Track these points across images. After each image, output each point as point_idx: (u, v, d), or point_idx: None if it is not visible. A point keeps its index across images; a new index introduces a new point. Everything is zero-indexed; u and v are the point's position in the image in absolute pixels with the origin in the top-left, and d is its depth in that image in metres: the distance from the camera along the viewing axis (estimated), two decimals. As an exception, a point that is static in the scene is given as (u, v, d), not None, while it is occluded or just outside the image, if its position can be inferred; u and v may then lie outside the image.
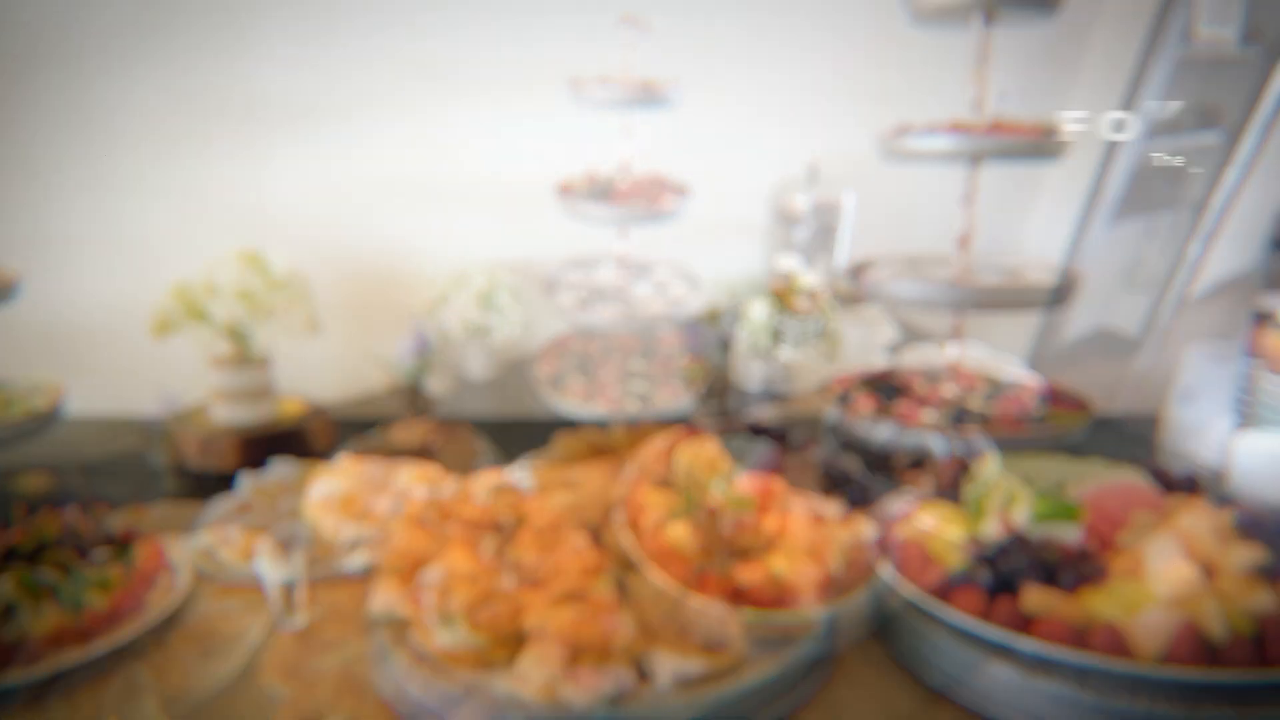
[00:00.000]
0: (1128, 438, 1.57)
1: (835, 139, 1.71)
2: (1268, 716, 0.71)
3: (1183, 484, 1.00)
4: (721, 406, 1.70)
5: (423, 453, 1.58)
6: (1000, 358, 1.52)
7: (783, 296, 1.63)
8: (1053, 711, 0.76)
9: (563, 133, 1.75)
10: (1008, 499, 0.94)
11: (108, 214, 1.79)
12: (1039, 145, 1.19)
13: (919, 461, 1.42)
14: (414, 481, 1.29)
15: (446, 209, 1.81)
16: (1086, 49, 1.62)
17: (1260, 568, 0.81)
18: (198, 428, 1.55)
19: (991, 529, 0.91)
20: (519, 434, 1.66)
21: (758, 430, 1.60)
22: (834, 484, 1.16)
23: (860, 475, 1.17)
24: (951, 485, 1.01)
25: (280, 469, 1.31)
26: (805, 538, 0.90)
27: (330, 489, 1.23)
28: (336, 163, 1.79)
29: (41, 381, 1.56)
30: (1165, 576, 0.80)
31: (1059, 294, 1.28)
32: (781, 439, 1.28)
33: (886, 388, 1.43)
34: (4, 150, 1.66)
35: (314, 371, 1.80)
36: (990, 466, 0.99)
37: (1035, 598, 0.81)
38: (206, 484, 1.46)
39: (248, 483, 1.27)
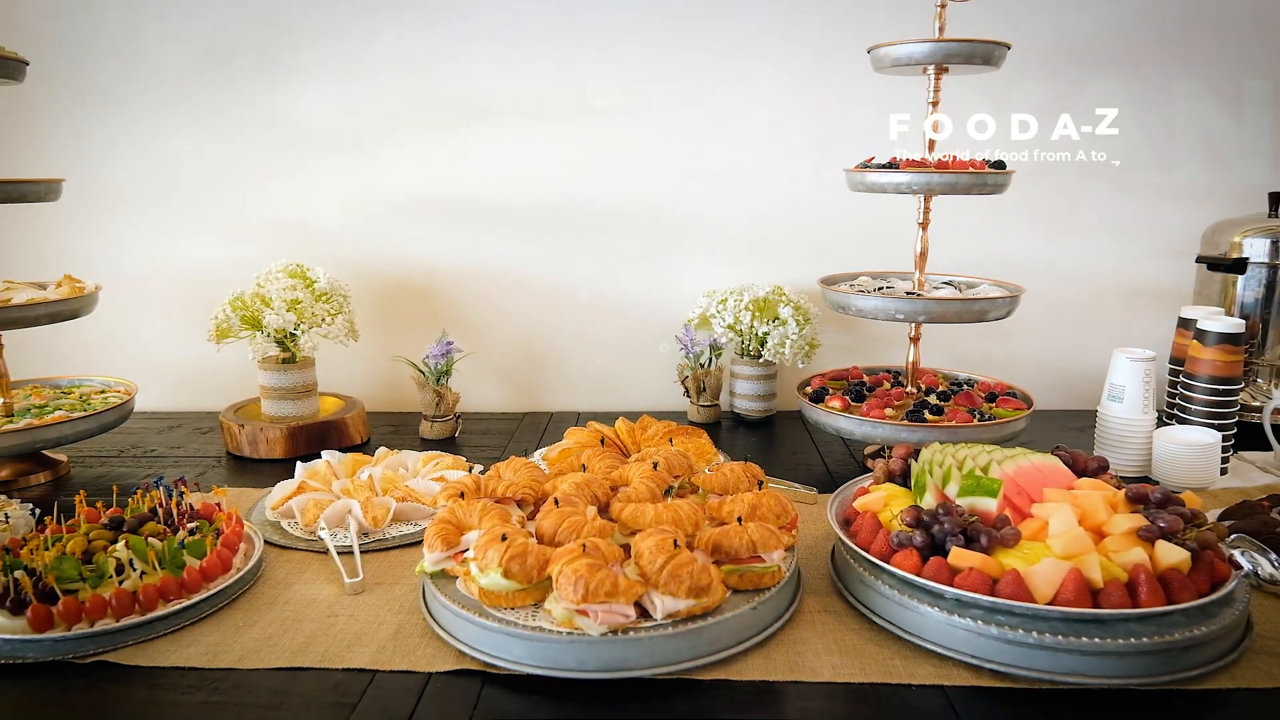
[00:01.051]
0: (1069, 429, 1.77)
1: (809, 171, 1.90)
2: (1131, 642, 0.91)
3: (1092, 467, 1.20)
4: (712, 401, 1.90)
5: (448, 444, 1.79)
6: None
7: (768, 305, 1.82)
8: (970, 642, 0.95)
9: (569, 157, 1.97)
10: (943, 478, 1.14)
11: (171, 232, 1.99)
12: (981, 181, 1.39)
13: (880, 450, 1.62)
14: (443, 468, 1.49)
15: (466, 228, 1.98)
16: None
17: (1137, 531, 1.00)
18: (248, 421, 1.75)
19: (928, 502, 1.11)
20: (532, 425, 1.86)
21: (742, 422, 1.79)
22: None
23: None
24: (902, 469, 1.21)
25: (329, 455, 1.50)
26: (774, 511, 1.09)
27: (373, 473, 1.43)
28: (369, 186, 1.97)
29: (117, 381, 1.76)
30: (1060, 537, 1.00)
31: (1006, 307, 1.47)
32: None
33: (855, 386, 1.63)
34: (83, 180, 1.85)
35: (349, 370, 2.00)
36: (930, 453, 1.19)
37: (958, 557, 1.00)
38: (258, 470, 1.67)
39: (303, 468, 1.47)
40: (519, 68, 1.90)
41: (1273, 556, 1.02)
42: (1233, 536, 1.06)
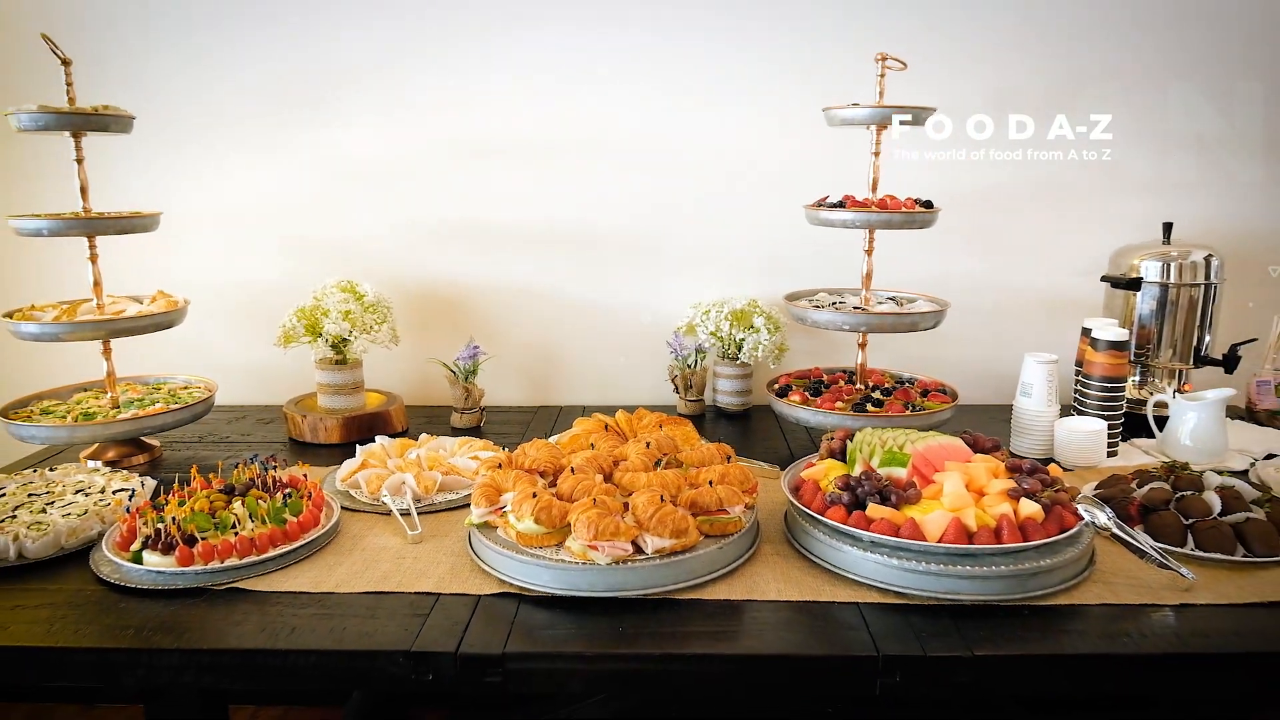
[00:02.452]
0: (997, 420, 2.10)
1: (779, 203, 2.21)
2: (993, 569, 1.24)
3: (987, 446, 1.53)
4: (698, 397, 2.23)
5: (474, 432, 2.12)
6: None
7: (744, 315, 2.16)
8: (878, 571, 1.28)
9: (577, 189, 2.29)
10: (870, 454, 1.47)
11: (238, 253, 2.30)
12: (912, 219, 1.72)
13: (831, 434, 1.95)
14: (475, 449, 1.82)
15: (490, 249, 2.29)
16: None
17: (1007, 491, 1.34)
18: (308, 412, 2.09)
19: (857, 471, 1.45)
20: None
21: (723, 414, 2.12)
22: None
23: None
24: (841, 447, 1.55)
25: (382, 439, 1.83)
26: (738, 478, 1.43)
27: (419, 453, 1.76)
28: (408, 213, 2.28)
29: (199, 379, 2.09)
30: (949, 496, 1.33)
31: (933, 320, 1.81)
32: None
33: (815, 384, 1.96)
34: (165, 208, 2.16)
35: (391, 370, 2.33)
36: (862, 435, 1.53)
37: (874, 510, 1.33)
38: (317, 453, 2.00)
39: (362, 450, 1.80)
40: (532, 112, 2.22)
41: (1108, 511, 1.35)
42: (1080, 496, 1.39)
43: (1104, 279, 2.07)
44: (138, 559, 1.35)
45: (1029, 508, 1.30)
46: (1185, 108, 2.21)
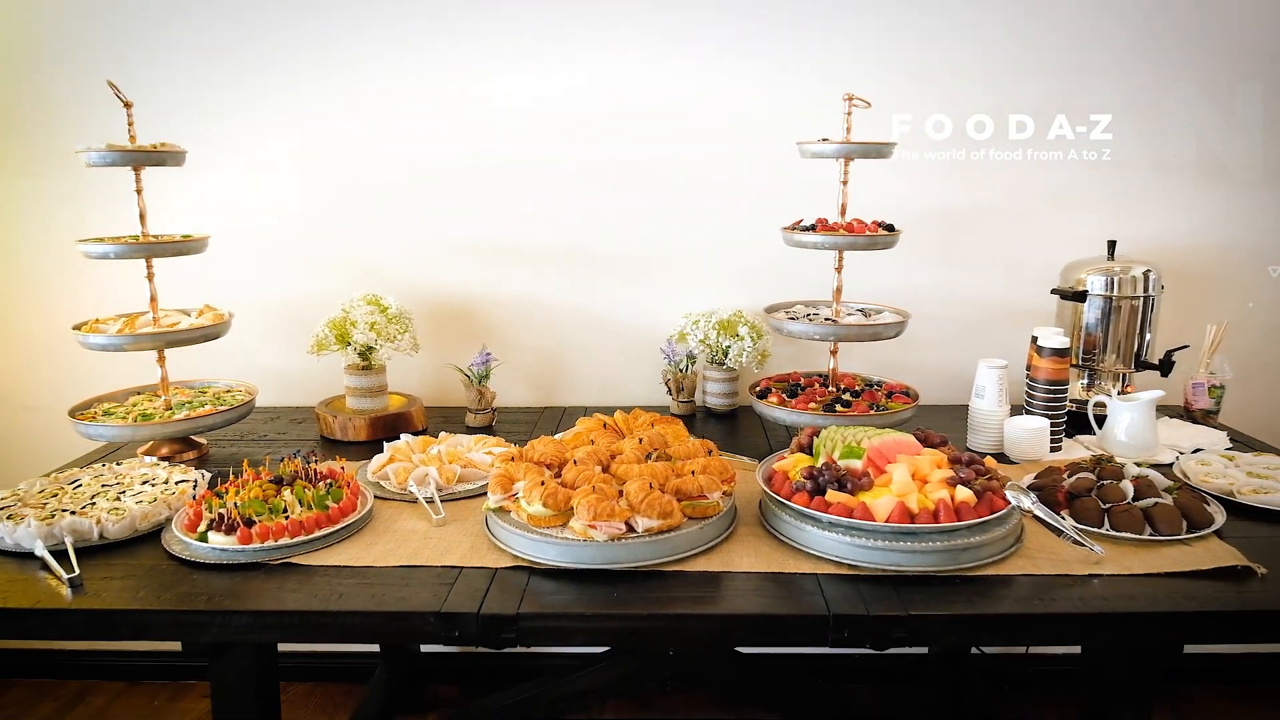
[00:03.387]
0: (959, 419, 2.32)
1: (762, 222, 2.41)
2: (931, 544, 1.47)
3: (936, 441, 1.76)
4: (689, 398, 2.46)
5: (487, 430, 2.35)
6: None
7: (730, 325, 2.38)
8: (834, 547, 1.50)
9: (578, 209, 2.53)
10: (832, 448, 1.70)
11: (273, 270, 2.53)
12: (874, 241, 1.95)
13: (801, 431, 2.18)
14: (489, 445, 2.05)
15: (500, 264, 2.51)
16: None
17: (946, 479, 1.57)
18: (338, 413, 2.32)
19: (820, 463, 1.67)
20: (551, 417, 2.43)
21: (712, 414, 2.35)
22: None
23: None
24: (808, 443, 1.77)
25: (407, 437, 2.06)
26: (717, 469, 1.66)
27: (440, 449, 1.99)
28: (426, 233, 2.50)
29: (242, 383, 2.32)
30: (896, 483, 1.56)
31: (894, 330, 2.04)
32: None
33: (792, 386, 2.19)
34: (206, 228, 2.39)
35: (411, 375, 2.57)
36: (827, 432, 1.75)
37: (832, 496, 1.56)
38: (347, 449, 2.22)
39: (389, 446, 2.03)
40: (538, 142, 2.44)
41: (1032, 497, 1.58)
42: (1010, 484, 1.61)
43: (1054, 291, 2.29)
44: (204, 538, 1.57)
45: (964, 493, 1.53)
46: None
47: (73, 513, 1.64)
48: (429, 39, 2.41)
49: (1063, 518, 1.61)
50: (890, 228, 2.01)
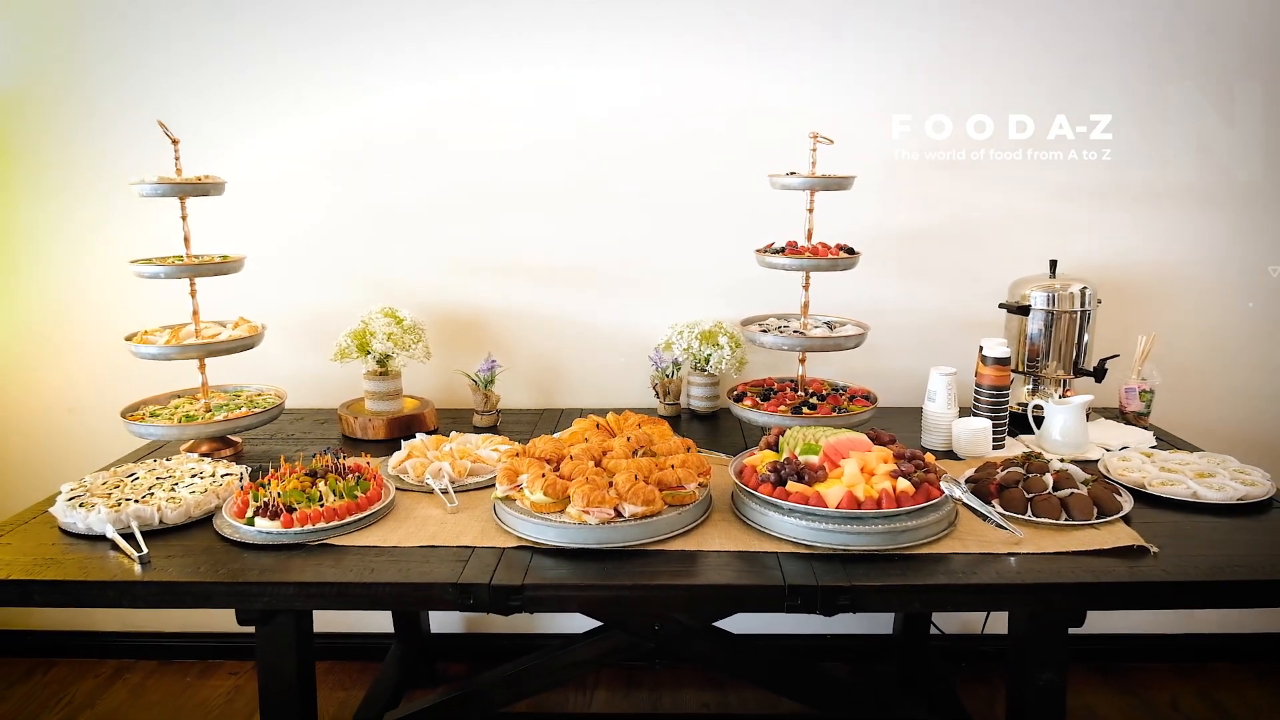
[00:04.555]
0: (916, 421, 2.58)
1: (743, 243, 2.67)
2: (874, 527, 1.72)
3: (885, 440, 2.02)
4: (675, 401, 2.72)
5: (492, 430, 2.61)
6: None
7: (711, 335, 2.64)
8: (792, 530, 1.75)
9: (575, 230, 2.78)
10: (793, 444, 1.96)
11: (297, 284, 2.78)
12: (836, 263, 2.21)
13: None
14: (495, 443, 2.31)
15: (503, 279, 2.75)
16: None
17: (889, 472, 1.82)
18: (358, 414, 2.57)
19: (784, 457, 1.93)
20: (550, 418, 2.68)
21: (695, 416, 2.61)
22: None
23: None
24: (775, 441, 2.03)
25: (421, 436, 2.32)
26: (694, 463, 1.91)
27: (451, 446, 2.25)
28: (437, 251, 2.73)
29: (272, 387, 2.57)
30: (846, 475, 1.81)
31: (854, 341, 2.30)
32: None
33: (766, 391, 2.45)
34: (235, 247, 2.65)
35: (423, 380, 2.82)
36: (791, 432, 2.01)
37: (792, 486, 1.82)
38: (367, 447, 2.47)
39: (406, 444, 2.28)
40: (540, 167, 2.69)
41: (964, 487, 1.84)
42: (945, 476, 1.87)
43: (1001, 305, 2.55)
44: (250, 523, 1.83)
45: (904, 484, 1.78)
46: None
47: (136, 501, 1.89)
48: (448, 75, 2.66)
49: (992, 505, 1.86)
50: (851, 250, 2.27)
